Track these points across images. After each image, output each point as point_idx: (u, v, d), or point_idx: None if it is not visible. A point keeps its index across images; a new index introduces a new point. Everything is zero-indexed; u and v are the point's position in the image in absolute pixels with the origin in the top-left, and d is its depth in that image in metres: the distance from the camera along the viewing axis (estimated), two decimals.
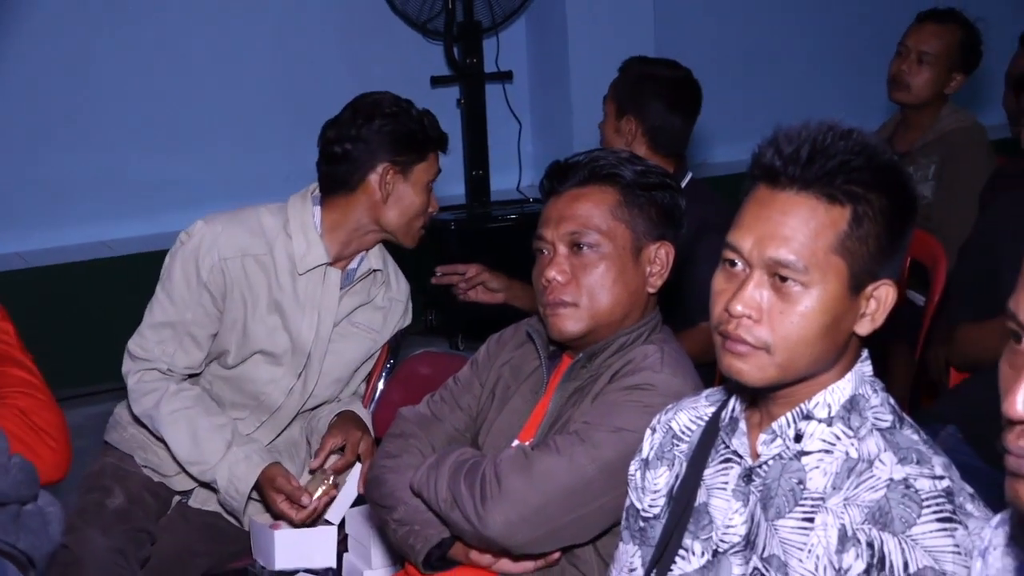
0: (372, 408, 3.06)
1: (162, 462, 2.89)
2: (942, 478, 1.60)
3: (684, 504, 1.81)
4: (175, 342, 2.81)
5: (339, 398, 2.99)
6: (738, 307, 1.64)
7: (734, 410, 1.79)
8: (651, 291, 2.30)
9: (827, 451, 1.67)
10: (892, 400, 1.73)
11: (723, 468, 1.79)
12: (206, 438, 2.76)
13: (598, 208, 2.25)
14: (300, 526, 2.75)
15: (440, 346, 5.08)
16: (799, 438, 1.69)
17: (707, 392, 1.97)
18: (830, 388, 1.69)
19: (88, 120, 5.43)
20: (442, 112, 5.81)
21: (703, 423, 1.88)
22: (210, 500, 2.88)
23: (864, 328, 1.68)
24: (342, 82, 4.99)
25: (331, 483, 2.79)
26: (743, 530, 1.73)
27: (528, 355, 2.41)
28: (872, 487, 1.61)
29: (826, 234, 1.62)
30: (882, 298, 1.68)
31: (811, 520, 1.65)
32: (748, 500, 1.73)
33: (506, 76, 5.88)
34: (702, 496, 1.80)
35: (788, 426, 1.70)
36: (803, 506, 1.66)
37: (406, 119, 2.81)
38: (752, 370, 1.66)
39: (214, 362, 2.89)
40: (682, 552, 1.81)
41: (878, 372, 1.76)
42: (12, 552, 1.49)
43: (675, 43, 5.22)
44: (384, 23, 5.80)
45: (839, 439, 1.67)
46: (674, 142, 3.49)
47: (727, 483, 1.77)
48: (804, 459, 1.68)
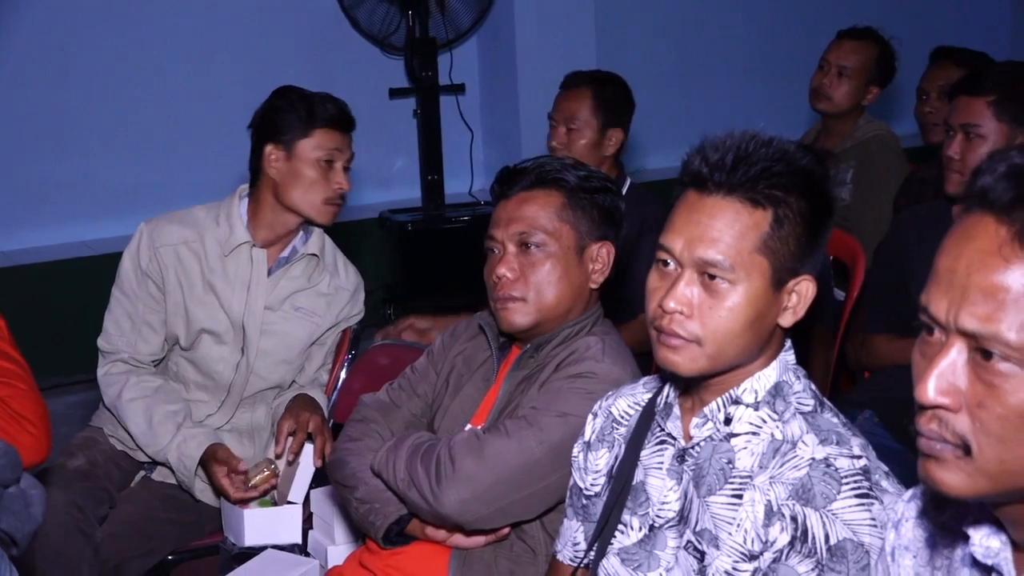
0: (335, 396, 3.06)
1: (128, 437, 2.91)
2: (860, 457, 1.62)
3: (623, 483, 1.82)
4: (134, 332, 2.89)
5: (300, 384, 3.00)
6: (671, 303, 1.64)
7: (669, 396, 1.80)
8: (593, 287, 2.30)
9: (754, 433, 1.68)
10: (814, 386, 1.74)
11: (659, 449, 1.80)
12: (160, 422, 2.82)
13: (544, 210, 2.25)
14: (243, 503, 2.77)
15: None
16: (728, 421, 1.70)
17: (644, 380, 1.97)
18: (757, 376, 1.70)
19: (68, 127, 5.39)
20: (399, 122, 5.88)
21: (640, 408, 1.88)
22: (171, 475, 2.90)
23: (787, 320, 1.69)
24: None
25: (273, 470, 2.80)
26: (677, 506, 1.74)
27: (480, 346, 2.41)
28: (795, 466, 1.62)
29: (750, 235, 1.63)
30: (803, 292, 1.68)
31: (740, 497, 1.65)
32: (682, 479, 1.74)
33: (459, 89, 5.88)
34: (639, 475, 1.81)
35: (718, 410, 1.70)
36: (732, 484, 1.67)
37: (284, 102, 2.87)
38: (685, 361, 1.66)
39: (176, 346, 2.93)
40: (621, 527, 1.82)
41: (801, 360, 1.77)
42: None
43: (615, 58, 5.23)
44: (346, 38, 5.79)
45: (765, 422, 1.68)
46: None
47: (662, 463, 1.78)
48: (733, 440, 1.69)
